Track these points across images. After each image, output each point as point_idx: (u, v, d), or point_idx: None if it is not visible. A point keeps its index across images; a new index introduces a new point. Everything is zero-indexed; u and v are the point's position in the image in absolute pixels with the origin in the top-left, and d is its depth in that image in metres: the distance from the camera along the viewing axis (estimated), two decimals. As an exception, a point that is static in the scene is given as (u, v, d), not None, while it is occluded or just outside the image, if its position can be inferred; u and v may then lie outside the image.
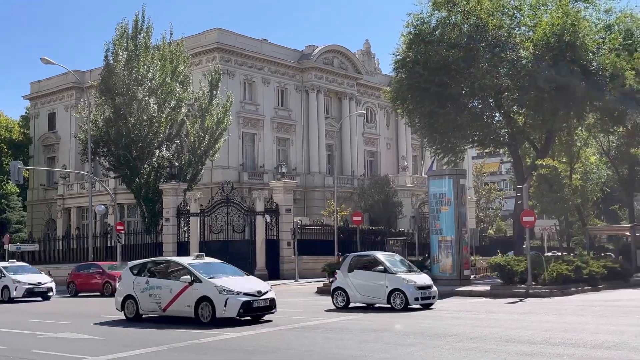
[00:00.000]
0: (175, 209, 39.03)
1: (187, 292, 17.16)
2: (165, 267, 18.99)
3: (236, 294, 16.65)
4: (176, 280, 17.60)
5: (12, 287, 28.31)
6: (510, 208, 53.50)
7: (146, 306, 18.13)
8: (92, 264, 34.26)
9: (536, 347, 12.27)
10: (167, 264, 19.19)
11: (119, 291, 19.15)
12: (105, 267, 32.51)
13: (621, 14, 34.87)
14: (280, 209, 38.79)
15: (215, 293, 16.66)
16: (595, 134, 43.66)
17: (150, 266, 19.09)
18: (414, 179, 60.66)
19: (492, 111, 36.96)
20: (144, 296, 18.09)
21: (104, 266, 32.66)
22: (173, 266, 18.60)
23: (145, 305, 18.13)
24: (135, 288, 18.34)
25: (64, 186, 57.06)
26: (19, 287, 28.34)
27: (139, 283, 18.31)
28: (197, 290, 17.00)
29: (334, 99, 60.55)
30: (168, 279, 18.02)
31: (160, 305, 17.73)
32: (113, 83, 40.80)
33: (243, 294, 16.77)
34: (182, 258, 20.44)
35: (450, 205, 27.65)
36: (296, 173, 54.98)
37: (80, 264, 36.16)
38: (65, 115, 61.08)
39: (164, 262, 19.91)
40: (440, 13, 34.21)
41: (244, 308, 16.66)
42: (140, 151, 40.52)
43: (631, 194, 46.69)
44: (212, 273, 17.65)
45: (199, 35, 52.64)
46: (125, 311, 18.61)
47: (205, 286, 16.95)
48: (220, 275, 17.65)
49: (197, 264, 18.01)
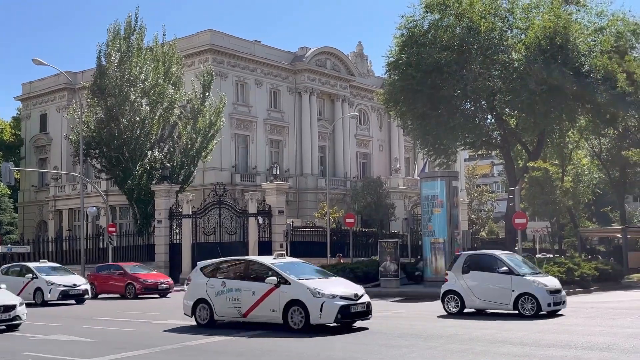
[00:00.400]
0: (168, 211, 38.94)
1: (273, 296, 15.42)
2: (243, 267, 17.17)
3: (332, 298, 14.91)
4: (259, 282, 15.77)
5: (46, 289, 25.89)
6: (502, 210, 53.65)
7: (223, 311, 16.38)
8: (112, 265, 32.48)
9: (528, 348, 12.30)
10: (246, 263, 17.35)
11: (189, 294, 17.24)
12: (127, 268, 30.82)
13: (613, 17, 35.05)
14: (272, 210, 38.76)
15: (308, 296, 14.89)
16: (586, 136, 43.86)
17: (226, 266, 17.43)
18: (406, 180, 60.74)
19: (484, 113, 37.09)
20: (220, 300, 16.36)
21: (126, 267, 30.95)
22: (253, 266, 16.86)
23: (221, 310, 16.37)
24: (209, 291, 16.58)
25: (55, 188, 56.84)
26: (54, 289, 25.94)
27: (214, 285, 16.58)
28: (286, 293, 15.24)
29: (327, 100, 60.58)
30: (248, 280, 16.21)
31: (240, 310, 15.98)
32: (105, 84, 40.71)
33: (339, 297, 15.02)
34: (262, 257, 18.47)
35: (442, 207, 27.68)
36: (289, 175, 54.96)
37: (99, 264, 34.31)
38: (57, 116, 60.86)
39: (241, 261, 17.98)
40: (433, 15, 34.34)
41: (342, 313, 14.86)
42: (132, 152, 40.42)
43: (622, 196, 46.89)
44: (299, 274, 15.90)
45: (191, 36, 52.58)
46: (196, 317, 16.81)
47: (295, 288, 15.21)
48: (308, 276, 15.97)
49: (281, 263, 16.32)
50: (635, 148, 41.29)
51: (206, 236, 38.77)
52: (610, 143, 45.30)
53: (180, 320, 17.73)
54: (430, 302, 21.87)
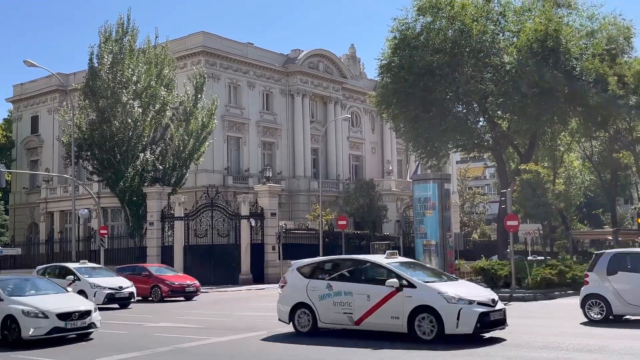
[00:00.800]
0: (160, 213, 38.85)
1: (394, 301, 13.51)
2: (352, 267, 15.16)
3: (469, 304, 12.99)
4: (375, 285, 13.95)
5: (90, 292, 23.61)
6: (494, 212, 53.80)
7: (329, 317, 14.53)
8: (136, 266, 30.99)
9: (519, 350, 12.33)
10: (355, 263, 15.32)
11: (285, 298, 15.40)
12: (153, 269, 29.57)
13: (604, 20, 35.24)
14: (265, 213, 38.71)
15: (441, 302, 12.97)
16: (578, 138, 44.06)
17: (329, 266, 15.49)
18: (398, 183, 60.82)
19: (476, 116, 37.22)
20: (326, 305, 14.53)
21: (151, 268, 29.73)
22: (364, 266, 14.96)
23: (327, 316, 14.54)
24: (311, 294, 14.78)
25: (47, 190, 56.61)
26: (99, 292, 23.91)
27: (316, 288, 14.79)
28: (411, 298, 13.35)
29: (319, 103, 60.59)
30: (361, 282, 14.39)
31: (351, 316, 14.12)
32: (97, 86, 40.59)
33: (477, 303, 13.12)
34: (374, 257, 16.42)
35: (434, 209, 27.68)
36: (281, 177, 54.92)
37: (122, 266, 32.76)
38: (48, 118, 60.62)
39: (349, 261, 15.94)
40: (425, 18, 34.43)
41: (481, 322, 12.94)
42: (124, 154, 40.30)
43: (613, 199, 47.16)
44: (420, 276, 14.17)
45: (184, 38, 52.51)
46: (295, 323, 15.02)
47: (423, 293, 13.34)
48: (431, 279, 14.16)
49: (397, 263, 14.44)
50: (626, 150, 41.52)
51: (198, 238, 38.70)
52: (602, 145, 45.54)
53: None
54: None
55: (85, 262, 27.13)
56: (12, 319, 14.86)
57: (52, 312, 14.94)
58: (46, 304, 15.23)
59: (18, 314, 14.84)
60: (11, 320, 14.87)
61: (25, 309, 14.94)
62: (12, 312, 14.92)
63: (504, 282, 25.98)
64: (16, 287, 16.34)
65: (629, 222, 61.96)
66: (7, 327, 14.95)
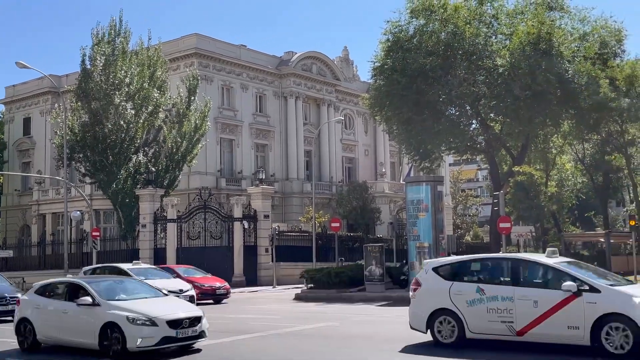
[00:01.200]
0: (152, 215, 38.75)
1: (572, 307, 11.59)
2: (507, 268, 13.05)
3: None
4: (545, 289, 12.11)
5: None
6: (487, 214, 53.95)
7: (481, 326, 12.54)
8: (164, 268, 28.74)
9: (510, 352, 12.37)
10: (511, 263, 13.05)
11: (420, 303, 13.44)
12: (181, 270, 28.19)
13: (596, 24, 35.41)
14: (258, 215, 38.68)
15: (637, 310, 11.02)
16: (570, 141, 44.22)
17: (478, 267, 13.50)
18: (391, 185, 60.86)
19: (469, 118, 37.32)
20: (476, 312, 12.56)
21: (179, 269, 28.37)
22: (524, 267, 12.99)
23: (478, 324, 12.55)
24: (456, 299, 12.80)
25: (39, 192, 56.38)
26: None
27: (463, 292, 12.83)
28: (596, 304, 11.40)
29: (313, 105, 60.60)
30: (520, 285, 12.42)
31: (512, 326, 12.15)
32: (90, 88, 40.46)
33: None
34: (536, 256, 14.09)
35: (427, 211, 27.72)
36: (274, 179, 54.88)
37: None
38: (40, 120, 60.40)
39: (503, 260, 13.72)
40: (418, 21, 34.52)
41: None
42: (117, 156, 40.19)
43: (605, 201, 47.36)
44: (594, 278, 12.18)
45: (177, 40, 52.43)
46: (435, 332, 13.06)
47: (611, 298, 11.41)
48: (611, 282, 12.15)
49: (565, 263, 12.67)
50: (618, 153, 41.69)
51: (191, 241, 38.62)
52: (594, 148, 45.73)
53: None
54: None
55: (139, 262, 25.12)
56: (114, 327, 12.80)
57: (161, 319, 12.83)
58: (152, 310, 13.11)
59: (122, 321, 12.73)
60: (113, 328, 12.81)
61: (131, 315, 12.80)
62: (115, 319, 12.81)
63: (496, 284, 25.97)
64: (109, 289, 14.19)
65: (621, 225, 62.18)
66: (108, 336, 12.87)
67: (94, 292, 13.53)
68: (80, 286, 14.03)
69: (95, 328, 13.04)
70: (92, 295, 13.44)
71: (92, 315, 13.23)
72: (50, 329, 14.09)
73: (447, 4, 33.95)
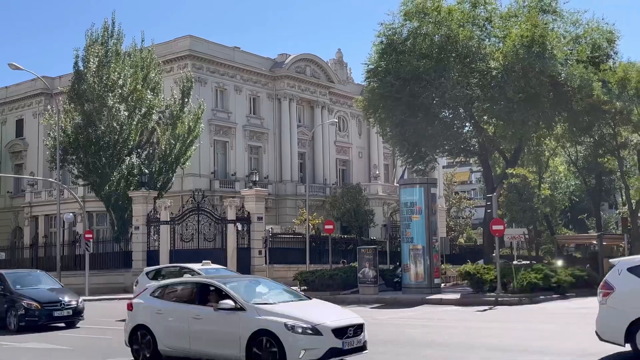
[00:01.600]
0: (145, 217, 38.64)
1: None
2: None
3: None
4: None
5: None
6: (480, 217, 53.99)
7: None
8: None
9: (502, 354, 12.36)
10: None
11: (613, 310, 11.28)
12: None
13: (588, 26, 35.50)
14: (251, 217, 38.63)
15: None
16: (563, 144, 44.30)
17: None
18: (385, 187, 60.91)
19: (462, 121, 37.35)
20: None
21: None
22: None
23: None
24: None
25: (31, 194, 56.15)
26: None
27: None
28: None
29: (307, 107, 60.61)
30: None
31: None
32: (83, 89, 40.37)
33: None
34: None
35: (421, 213, 27.79)
36: (268, 181, 54.85)
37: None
38: (33, 121, 60.18)
39: None
40: (412, 23, 34.53)
41: None
42: (110, 158, 40.08)
43: (598, 204, 47.41)
44: None
45: (170, 42, 52.37)
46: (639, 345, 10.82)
47: None
48: None
49: None
50: (611, 156, 41.78)
51: (184, 243, 38.51)
52: (587, 151, 45.78)
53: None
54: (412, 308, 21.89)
55: (208, 262, 23.50)
56: (267, 336, 10.72)
57: (326, 327, 10.66)
58: (312, 315, 10.97)
59: (278, 328, 10.61)
60: (266, 337, 10.73)
61: (289, 321, 10.66)
62: (269, 327, 10.72)
63: (489, 287, 26.09)
64: (249, 290, 12.11)
65: (614, 227, 62.40)
66: (261, 346, 10.79)
67: (235, 295, 11.39)
68: (215, 287, 11.95)
69: (241, 337, 10.92)
70: (234, 298, 11.32)
71: (236, 321, 11.08)
72: (175, 338, 12.00)
73: (441, 6, 33.98)
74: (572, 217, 60.26)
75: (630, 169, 44.69)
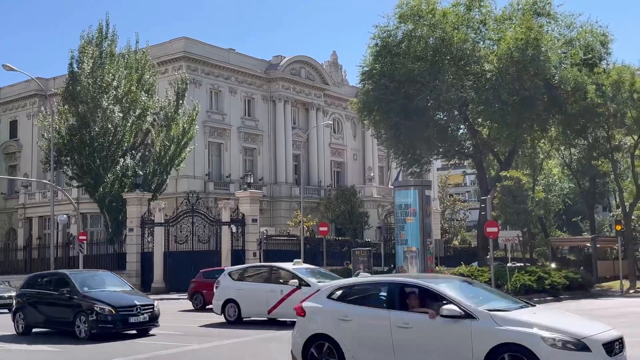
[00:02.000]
0: (139, 219, 38.54)
1: None
2: None
3: None
4: None
5: None
6: (475, 219, 54.14)
7: None
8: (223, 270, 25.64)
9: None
10: None
11: None
12: None
13: (582, 29, 35.66)
14: (246, 219, 38.57)
15: None
16: (557, 146, 44.46)
17: None
18: (380, 189, 60.94)
19: (457, 123, 37.44)
20: None
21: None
22: None
23: None
24: None
25: (25, 195, 55.96)
26: None
27: None
28: None
29: (301, 109, 60.61)
30: None
31: None
32: (77, 91, 40.26)
33: None
34: None
35: (415, 216, 27.74)
36: (263, 183, 54.81)
37: (206, 269, 28.96)
38: (27, 123, 60.00)
39: None
40: (407, 26, 34.61)
41: None
42: (104, 160, 39.98)
43: (592, 206, 47.61)
44: None
45: (165, 43, 52.31)
46: None
47: None
48: None
49: None
50: (605, 158, 41.93)
51: (179, 245, 38.43)
52: (581, 153, 45.97)
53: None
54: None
55: (300, 261, 22.03)
56: (514, 352, 8.57)
57: (595, 341, 8.50)
58: (567, 325, 8.91)
59: (533, 342, 8.44)
60: (512, 353, 8.58)
61: (545, 334, 8.49)
62: (518, 340, 8.54)
63: (484, 289, 26.09)
64: (465, 293, 9.84)
65: (607, 230, 62.58)
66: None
67: (460, 299, 9.24)
68: (422, 288, 9.84)
69: (474, 353, 8.82)
70: (459, 303, 9.14)
71: (465, 333, 8.95)
72: (372, 352, 9.80)
73: (436, 9, 34.07)
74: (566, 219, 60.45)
75: (624, 171, 44.86)
